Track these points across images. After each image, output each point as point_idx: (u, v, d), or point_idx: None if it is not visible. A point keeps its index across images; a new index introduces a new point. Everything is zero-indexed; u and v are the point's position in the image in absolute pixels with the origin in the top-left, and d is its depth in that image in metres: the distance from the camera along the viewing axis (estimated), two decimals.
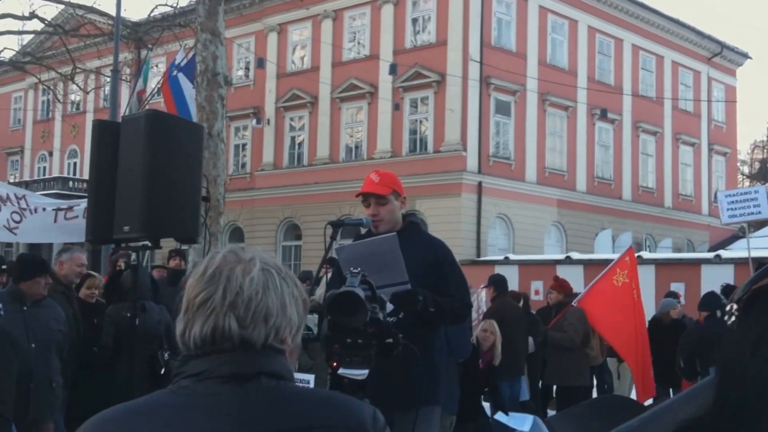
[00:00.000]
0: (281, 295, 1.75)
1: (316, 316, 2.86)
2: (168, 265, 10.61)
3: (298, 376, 6.22)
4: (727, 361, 1.25)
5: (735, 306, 1.33)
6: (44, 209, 9.45)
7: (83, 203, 9.09)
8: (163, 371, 6.74)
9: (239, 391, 1.67)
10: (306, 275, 12.04)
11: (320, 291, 7.17)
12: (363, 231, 4.70)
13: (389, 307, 3.49)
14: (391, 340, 2.64)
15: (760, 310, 1.25)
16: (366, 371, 2.56)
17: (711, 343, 8.54)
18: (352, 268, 2.80)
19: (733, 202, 11.54)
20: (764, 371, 1.18)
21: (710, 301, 9.87)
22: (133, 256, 5.74)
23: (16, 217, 9.29)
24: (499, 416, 8.61)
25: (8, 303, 5.69)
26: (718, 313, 9.90)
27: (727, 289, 11.60)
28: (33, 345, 5.79)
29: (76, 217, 9.36)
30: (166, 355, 6.84)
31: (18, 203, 9.34)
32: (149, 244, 5.58)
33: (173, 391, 1.71)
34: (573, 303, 10.52)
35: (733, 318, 1.33)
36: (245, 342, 1.70)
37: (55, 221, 9.50)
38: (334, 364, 2.57)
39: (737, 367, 1.21)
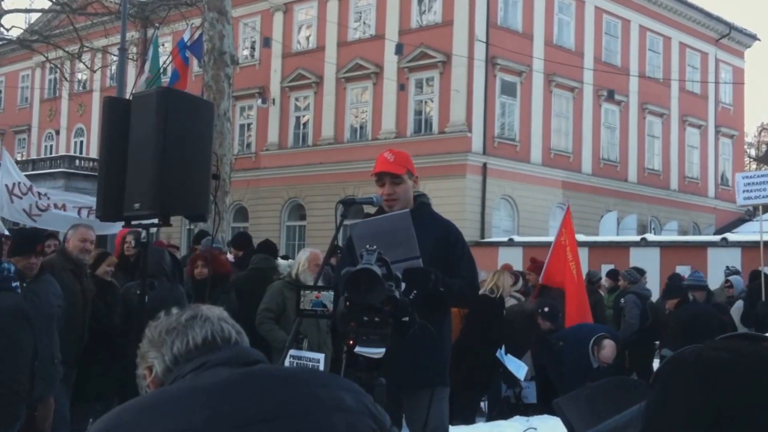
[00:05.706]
0: None
1: (331, 293, 2.82)
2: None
3: (308, 354, 6.24)
4: None
5: None
6: (64, 208, 9.62)
7: None
8: None
9: (247, 369, 1.75)
10: None
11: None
12: (373, 210, 4.65)
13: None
14: (407, 319, 2.60)
15: None
16: (383, 350, 2.52)
17: (707, 324, 8.51)
18: (368, 246, 2.77)
19: (749, 184, 11.57)
20: None
21: (677, 287, 9.80)
22: (144, 233, 5.71)
23: (43, 206, 9.43)
24: (500, 354, 8.74)
25: None
26: (690, 296, 9.92)
27: (753, 276, 11.60)
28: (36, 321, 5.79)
29: None
30: None
31: (39, 198, 9.54)
32: (158, 222, 5.58)
33: (177, 385, 1.77)
34: (539, 280, 10.56)
35: None
36: (239, 343, 1.89)
37: (79, 215, 9.69)
38: (351, 342, 2.54)
39: None
